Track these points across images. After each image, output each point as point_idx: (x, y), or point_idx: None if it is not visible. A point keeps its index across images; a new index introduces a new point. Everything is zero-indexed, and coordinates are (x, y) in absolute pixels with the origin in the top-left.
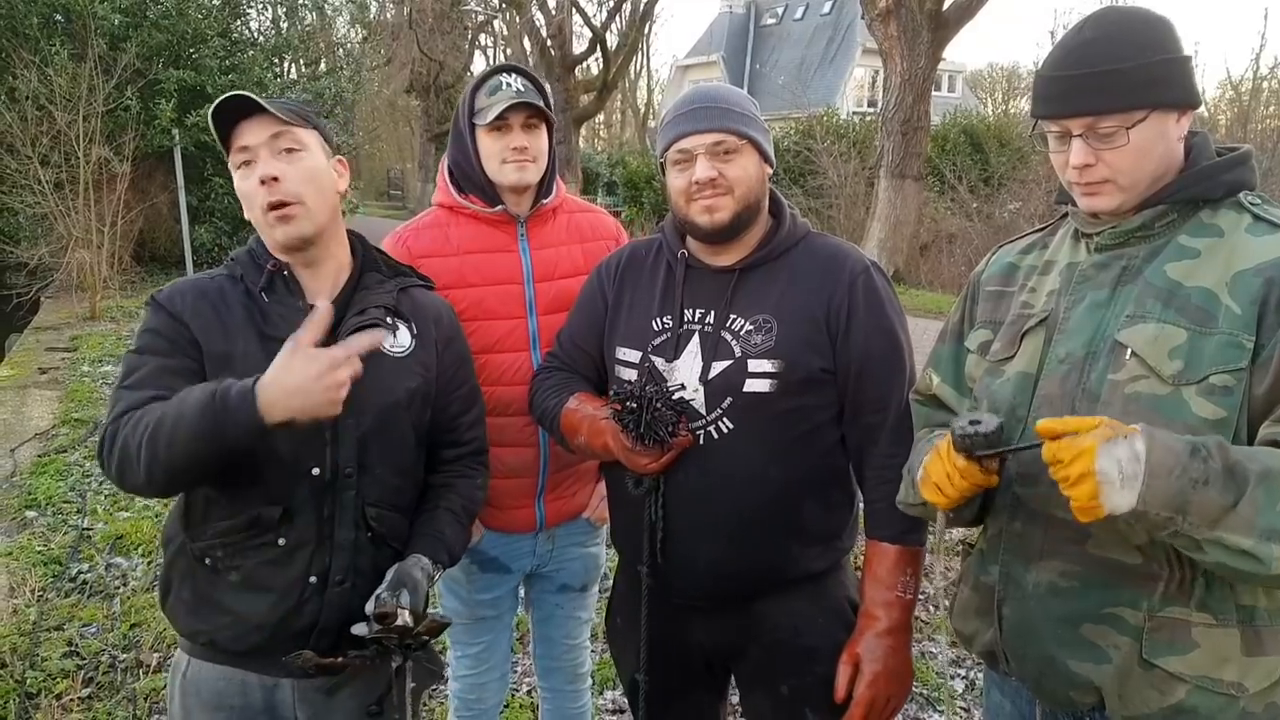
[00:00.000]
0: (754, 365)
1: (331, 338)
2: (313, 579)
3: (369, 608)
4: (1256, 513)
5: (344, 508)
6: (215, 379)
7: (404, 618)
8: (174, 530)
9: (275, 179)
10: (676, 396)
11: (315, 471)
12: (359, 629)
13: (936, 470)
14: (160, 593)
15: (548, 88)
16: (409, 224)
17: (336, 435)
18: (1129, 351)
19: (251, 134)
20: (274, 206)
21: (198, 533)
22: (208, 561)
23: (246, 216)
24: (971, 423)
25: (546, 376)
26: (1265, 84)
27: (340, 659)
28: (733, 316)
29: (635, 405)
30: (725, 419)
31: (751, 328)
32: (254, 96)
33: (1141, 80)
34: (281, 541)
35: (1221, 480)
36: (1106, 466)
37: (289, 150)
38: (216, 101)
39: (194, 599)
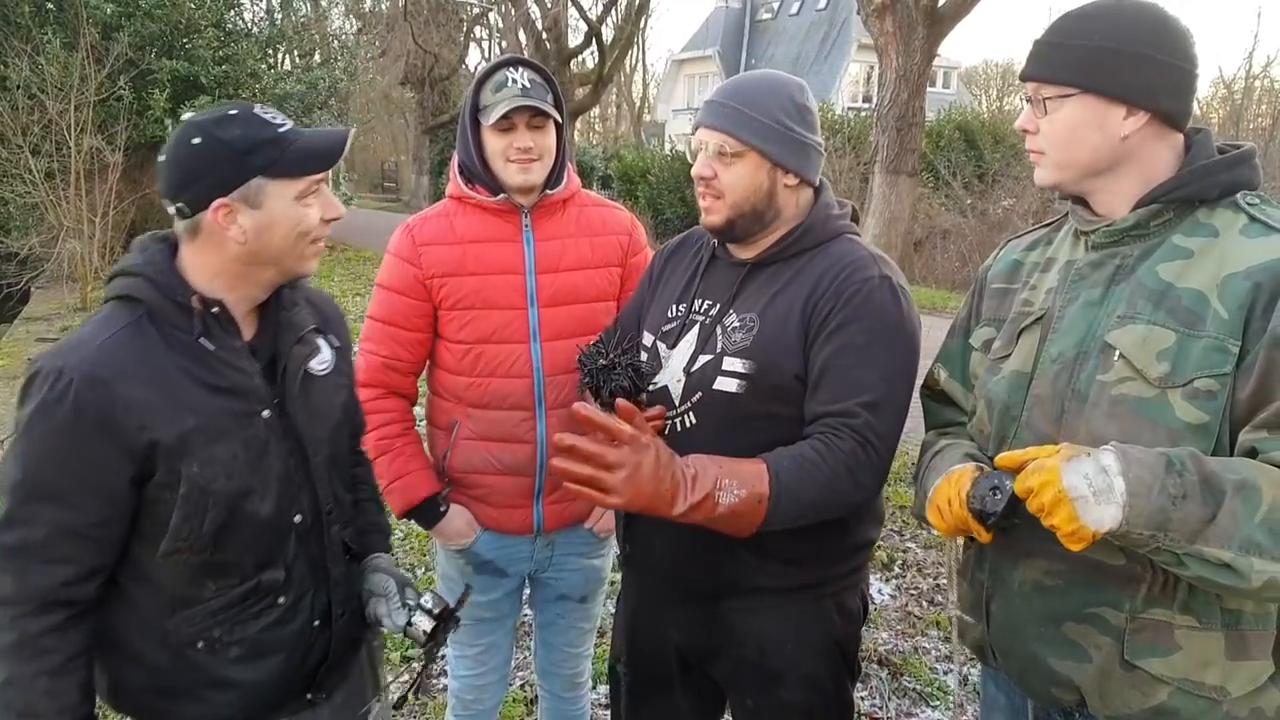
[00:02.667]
0: (727, 363)
1: (271, 369)
2: (316, 623)
3: (399, 619)
4: (1235, 525)
5: (331, 544)
6: (169, 469)
7: (448, 606)
8: (127, 627)
9: (336, 219)
10: (634, 364)
11: (298, 519)
12: (405, 629)
13: (941, 495)
14: (111, 698)
15: (552, 77)
16: (419, 214)
17: (309, 476)
18: (1117, 353)
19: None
20: (322, 241)
21: (185, 619)
22: (200, 645)
23: (275, 246)
24: (994, 489)
25: (590, 358)
26: (1257, 83)
27: (426, 668)
28: (730, 312)
29: (604, 363)
30: (692, 413)
31: (738, 325)
32: (345, 145)
33: (1079, 60)
34: (282, 600)
35: (1199, 493)
36: (1074, 482)
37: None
38: (315, 146)
39: (187, 686)
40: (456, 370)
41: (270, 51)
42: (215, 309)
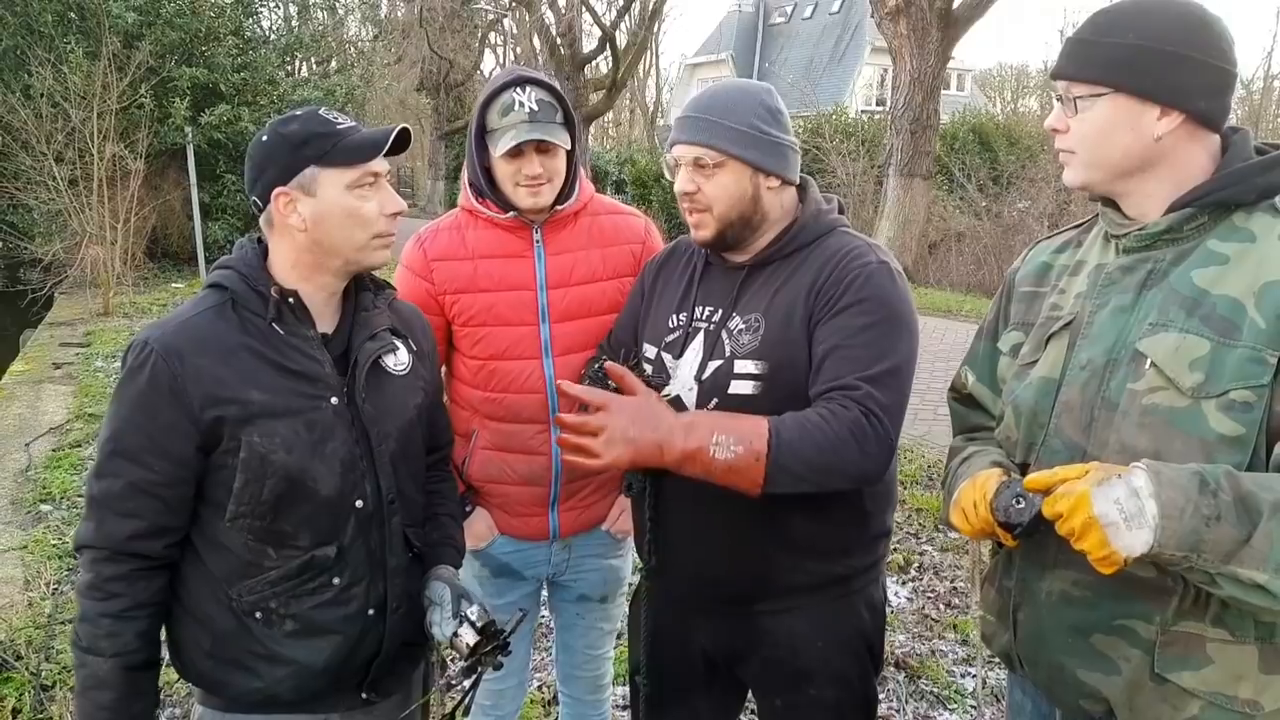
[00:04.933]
0: (739, 366)
1: (344, 361)
2: (370, 611)
3: (447, 629)
4: (1270, 546)
5: (392, 534)
6: (231, 436)
7: (500, 622)
8: (199, 593)
9: (399, 213)
10: (642, 379)
11: (359, 504)
12: (451, 640)
13: (966, 498)
14: (181, 663)
15: (561, 90)
16: (431, 225)
17: (373, 465)
18: (1148, 361)
19: (381, 164)
20: (388, 235)
21: (246, 588)
22: (258, 615)
23: (335, 235)
24: (1017, 499)
25: (592, 364)
26: (1276, 83)
27: (460, 679)
28: (733, 315)
29: (610, 384)
30: None
31: (744, 326)
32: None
33: (1112, 58)
34: (336, 581)
35: (1234, 514)
36: (1105, 509)
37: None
38: (378, 136)
39: (245, 656)
40: (472, 384)
41: (288, 59)
42: (291, 299)
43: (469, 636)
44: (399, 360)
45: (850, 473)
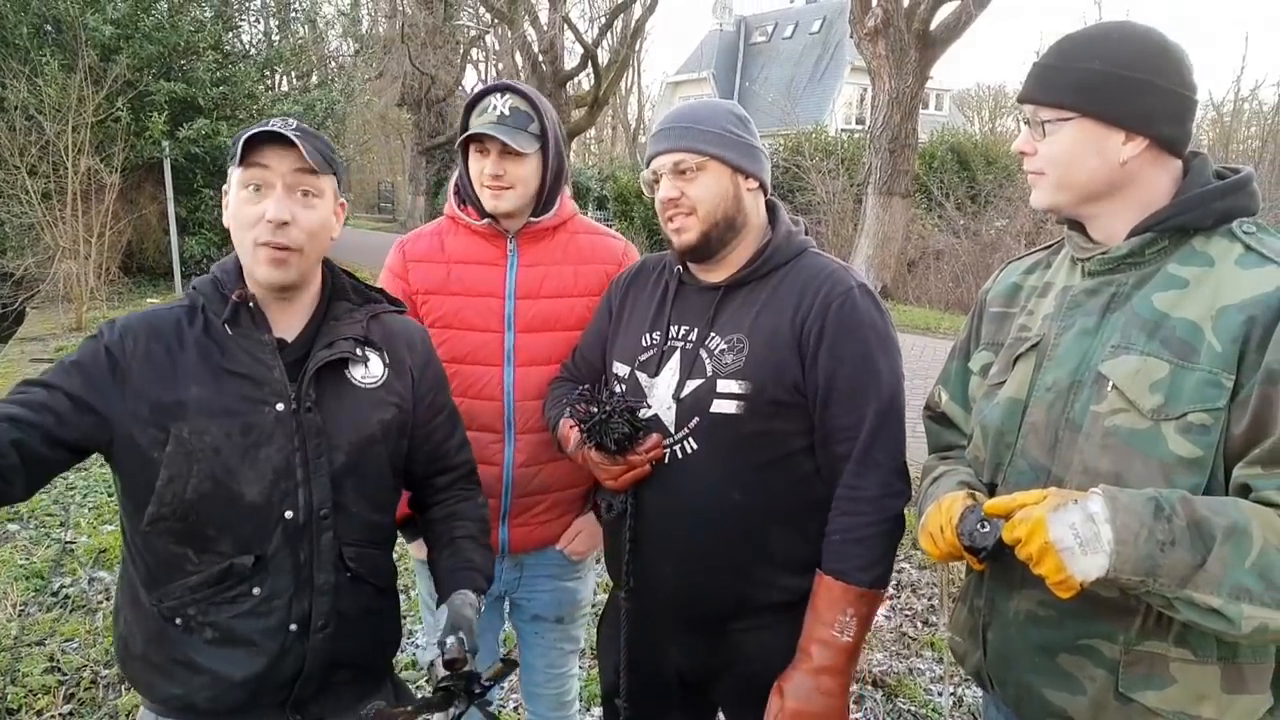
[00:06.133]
0: (722, 385)
1: (299, 369)
2: (293, 627)
3: (427, 656)
4: (1224, 571)
5: (322, 550)
6: (161, 428)
7: (472, 663)
8: (133, 593)
9: (286, 223)
10: (628, 407)
11: (289, 515)
12: (429, 668)
13: (933, 522)
14: (120, 659)
15: (544, 105)
16: (416, 230)
17: (309, 476)
18: (1110, 384)
19: (276, 161)
20: (273, 247)
21: (166, 592)
22: (178, 621)
23: (233, 236)
24: (981, 523)
25: (556, 387)
26: (1246, 105)
27: (408, 708)
28: (712, 335)
29: (595, 410)
30: (691, 439)
31: (725, 346)
32: (292, 135)
33: (1079, 83)
34: (256, 591)
35: (1188, 539)
36: (1060, 534)
37: (305, 194)
38: (253, 130)
39: (166, 662)
40: None
41: (268, 73)
42: (251, 303)
43: (440, 669)
44: (368, 373)
45: (901, 511)
